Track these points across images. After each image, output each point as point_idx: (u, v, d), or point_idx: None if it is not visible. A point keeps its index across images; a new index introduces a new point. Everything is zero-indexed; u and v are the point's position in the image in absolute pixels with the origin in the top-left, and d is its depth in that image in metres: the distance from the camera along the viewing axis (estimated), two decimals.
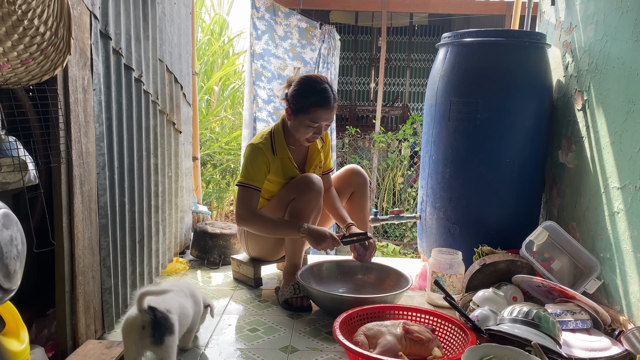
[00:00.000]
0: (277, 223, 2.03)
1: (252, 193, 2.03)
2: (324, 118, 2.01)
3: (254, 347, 1.68)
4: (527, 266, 1.91)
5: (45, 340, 1.54)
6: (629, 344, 1.49)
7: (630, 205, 1.74)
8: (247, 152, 2.09)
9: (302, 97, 2.01)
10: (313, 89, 2.00)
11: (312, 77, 2.06)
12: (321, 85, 2.01)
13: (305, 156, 2.21)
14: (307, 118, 2.00)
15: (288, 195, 2.06)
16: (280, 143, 2.10)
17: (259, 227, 2.04)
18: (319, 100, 1.99)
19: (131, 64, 1.83)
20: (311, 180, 2.04)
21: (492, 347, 1.37)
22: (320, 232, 1.99)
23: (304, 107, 2.00)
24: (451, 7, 5.95)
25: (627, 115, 1.77)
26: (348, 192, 2.31)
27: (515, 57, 2.11)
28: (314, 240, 1.99)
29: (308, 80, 2.04)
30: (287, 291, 2.01)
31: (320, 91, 1.99)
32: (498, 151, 2.12)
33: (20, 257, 1.10)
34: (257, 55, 4.43)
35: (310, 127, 2.01)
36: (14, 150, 1.25)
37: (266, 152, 2.06)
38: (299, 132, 2.05)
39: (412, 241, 5.22)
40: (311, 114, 1.99)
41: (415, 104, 7.69)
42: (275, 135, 2.11)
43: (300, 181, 2.06)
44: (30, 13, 1.12)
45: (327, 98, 1.99)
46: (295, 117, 2.03)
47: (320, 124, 2.01)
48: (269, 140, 2.09)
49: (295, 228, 1.98)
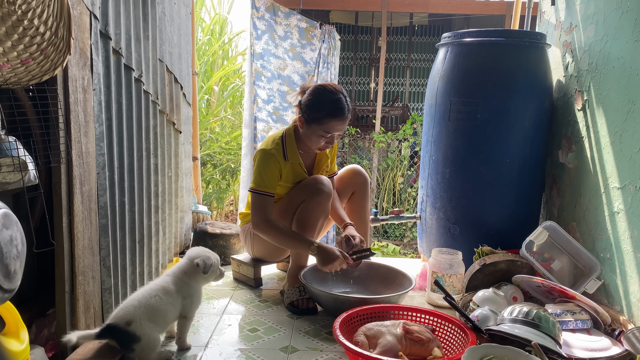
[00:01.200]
0: (291, 236, 2.02)
1: (267, 200, 2.03)
2: (338, 129, 2.00)
3: (254, 347, 1.68)
4: (527, 266, 1.91)
5: (45, 340, 1.54)
6: (629, 344, 1.49)
7: (630, 205, 1.74)
8: (259, 157, 2.07)
9: (316, 107, 1.99)
10: (328, 99, 1.98)
11: (327, 86, 2.03)
12: (336, 96, 1.98)
13: (313, 161, 2.21)
14: (321, 128, 1.99)
15: (298, 197, 2.06)
16: (292, 149, 2.09)
17: (273, 237, 2.02)
18: (333, 111, 1.97)
19: (131, 64, 1.83)
20: (321, 182, 2.04)
21: (492, 347, 1.37)
22: (330, 252, 1.94)
23: (318, 118, 1.98)
24: (451, 7, 5.95)
25: (627, 115, 1.77)
26: (349, 192, 2.31)
27: (515, 57, 2.11)
28: (322, 260, 1.95)
29: (323, 90, 2.01)
30: (293, 293, 2.01)
31: (335, 102, 1.97)
32: (498, 151, 2.12)
33: (20, 257, 1.10)
34: (257, 55, 4.43)
35: (323, 137, 2.01)
36: (14, 150, 1.25)
37: (278, 158, 2.05)
38: (312, 141, 2.04)
39: (412, 241, 5.22)
40: (325, 124, 1.98)
41: (415, 104, 7.70)
42: (287, 140, 2.09)
43: (310, 183, 2.06)
44: (30, 13, 1.12)
45: (341, 109, 1.98)
46: (308, 127, 2.02)
47: (333, 134, 2.01)
48: (280, 146, 2.07)
49: (307, 244, 1.97)
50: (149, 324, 1.48)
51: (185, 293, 1.62)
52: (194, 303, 1.65)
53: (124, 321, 1.46)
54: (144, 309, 1.50)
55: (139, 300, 1.52)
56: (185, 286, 1.63)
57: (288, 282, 2.09)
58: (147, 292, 1.55)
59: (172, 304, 1.58)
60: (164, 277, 1.64)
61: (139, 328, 1.46)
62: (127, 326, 1.45)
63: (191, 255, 1.68)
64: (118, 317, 1.47)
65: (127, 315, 1.47)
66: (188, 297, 1.62)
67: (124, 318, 1.46)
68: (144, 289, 1.58)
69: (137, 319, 1.47)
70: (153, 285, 1.59)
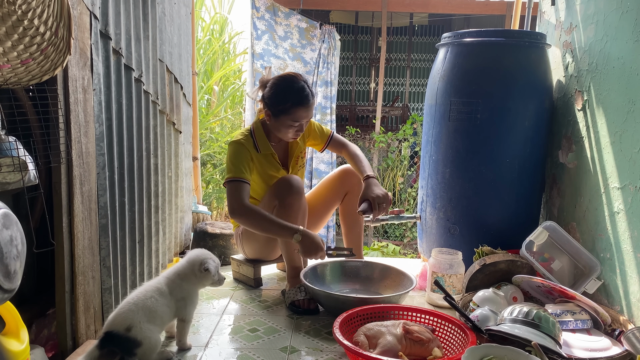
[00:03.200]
0: (272, 222, 1.91)
1: (242, 186, 1.97)
2: (305, 116, 2.01)
3: (254, 347, 1.68)
4: (527, 266, 1.91)
5: (45, 340, 1.54)
6: (629, 344, 1.49)
7: (630, 206, 1.74)
8: (229, 149, 2.07)
9: (280, 98, 2.00)
10: (291, 89, 1.99)
11: (288, 76, 2.04)
12: (298, 84, 2.00)
13: (286, 150, 2.21)
14: (289, 118, 2.00)
15: (271, 201, 2.05)
16: (262, 140, 2.10)
17: (253, 222, 1.93)
18: (298, 99, 1.98)
19: (131, 64, 1.83)
20: (289, 182, 2.02)
21: (492, 347, 1.37)
22: (315, 241, 1.87)
23: (284, 109, 1.99)
24: (451, 7, 5.95)
25: (627, 115, 1.77)
26: (341, 193, 2.28)
27: (515, 57, 2.11)
28: (306, 249, 1.87)
29: (284, 80, 2.03)
30: (294, 293, 2.01)
31: (298, 90, 1.99)
32: (498, 151, 2.12)
33: (20, 257, 1.10)
34: (257, 55, 4.43)
35: (292, 126, 2.02)
36: (14, 150, 1.25)
37: (249, 148, 2.06)
38: (281, 132, 2.05)
39: (412, 241, 5.22)
40: (292, 114, 1.99)
41: (415, 104, 7.69)
42: (256, 134, 2.10)
43: (279, 185, 2.05)
44: (30, 13, 1.12)
45: (306, 97, 1.99)
46: (276, 119, 2.02)
47: (301, 122, 2.02)
48: (250, 138, 2.08)
49: (290, 232, 1.87)
50: (148, 326, 1.47)
51: (178, 295, 1.60)
52: (188, 305, 1.62)
53: (123, 327, 1.43)
54: (142, 312, 1.48)
55: (135, 304, 1.49)
56: (178, 288, 1.61)
57: (289, 282, 2.08)
58: (142, 294, 1.53)
59: (167, 306, 1.56)
60: (159, 278, 1.63)
61: (139, 332, 1.44)
62: (128, 332, 1.43)
63: (191, 258, 1.66)
64: (117, 323, 1.45)
65: (127, 321, 1.45)
66: (181, 299, 1.61)
67: (123, 324, 1.44)
68: (138, 291, 1.55)
69: (137, 323, 1.45)
70: (147, 287, 1.57)
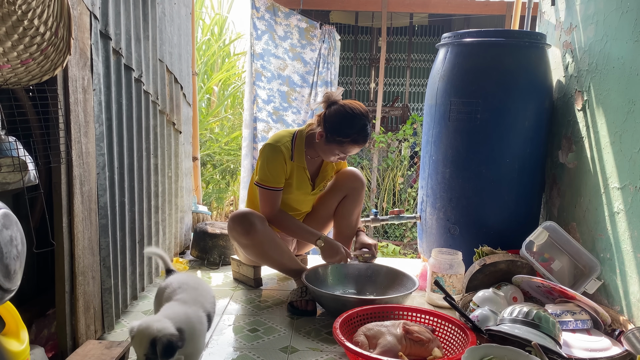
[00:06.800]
0: (300, 228, 2.12)
1: (275, 194, 2.06)
2: (355, 151, 2.03)
3: (254, 348, 1.68)
4: (527, 266, 1.91)
5: (45, 340, 1.54)
6: (629, 344, 1.49)
7: (630, 206, 1.74)
8: (266, 151, 2.05)
9: (341, 132, 1.96)
10: (353, 125, 1.96)
11: (356, 110, 1.98)
12: (362, 122, 1.96)
13: (318, 168, 2.20)
14: (340, 150, 2.00)
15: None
16: (300, 151, 2.07)
17: (283, 226, 2.12)
18: (357, 139, 1.97)
19: (131, 64, 1.83)
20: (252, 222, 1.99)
21: (492, 348, 1.37)
22: (334, 247, 2.10)
23: (340, 141, 1.98)
24: (451, 7, 5.94)
25: (627, 115, 1.77)
26: (341, 194, 2.23)
27: (515, 57, 2.11)
28: (326, 254, 2.12)
29: (351, 112, 1.97)
30: (294, 294, 2.01)
31: (361, 129, 1.96)
32: (498, 151, 2.11)
33: (20, 257, 1.10)
34: (257, 55, 4.43)
35: (338, 155, 2.03)
36: (14, 150, 1.25)
37: (285, 155, 2.04)
38: (326, 155, 2.06)
39: (412, 241, 5.22)
40: (345, 147, 1.99)
41: (415, 104, 7.69)
42: (297, 142, 2.07)
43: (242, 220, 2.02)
44: (30, 13, 1.12)
45: (364, 137, 1.98)
46: (327, 144, 2.01)
47: (348, 154, 2.04)
48: (289, 145, 2.06)
49: (314, 237, 2.10)
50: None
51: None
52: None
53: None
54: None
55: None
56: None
57: (295, 283, 2.14)
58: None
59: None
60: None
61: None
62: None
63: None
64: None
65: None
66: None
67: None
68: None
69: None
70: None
